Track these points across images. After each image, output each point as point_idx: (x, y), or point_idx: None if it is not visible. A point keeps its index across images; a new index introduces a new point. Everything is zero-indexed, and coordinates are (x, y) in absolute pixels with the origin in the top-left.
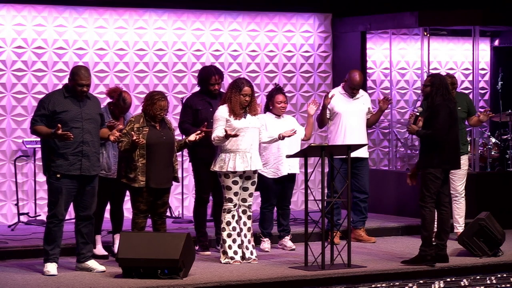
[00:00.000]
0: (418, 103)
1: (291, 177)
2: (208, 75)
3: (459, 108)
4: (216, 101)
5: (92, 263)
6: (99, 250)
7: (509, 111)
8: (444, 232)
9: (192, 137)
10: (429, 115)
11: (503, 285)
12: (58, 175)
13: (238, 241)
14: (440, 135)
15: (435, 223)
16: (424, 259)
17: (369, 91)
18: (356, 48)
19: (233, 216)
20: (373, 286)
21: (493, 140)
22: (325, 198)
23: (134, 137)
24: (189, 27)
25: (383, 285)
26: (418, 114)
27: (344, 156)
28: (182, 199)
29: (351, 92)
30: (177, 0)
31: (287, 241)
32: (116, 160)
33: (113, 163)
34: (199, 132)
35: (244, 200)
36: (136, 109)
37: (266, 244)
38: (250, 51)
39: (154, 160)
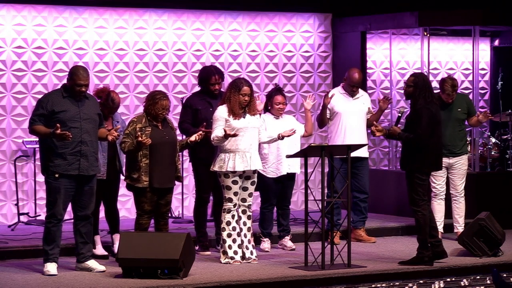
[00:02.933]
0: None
1: (290, 177)
2: (208, 75)
3: (459, 109)
4: (216, 101)
5: (92, 263)
6: (99, 250)
7: (509, 111)
8: (433, 229)
9: (193, 137)
10: (411, 118)
11: None
12: (57, 175)
13: (238, 241)
14: (422, 140)
15: None
16: (422, 260)
17: (369, 91)
18: (356, 48)
19: (233, 216)
20: (373, 286)
21: (493, 140)
22: (325, 198)
23: (140, 138)
24: (189, 27)
25: (383, 285)
26: (400, 115)
27: (344, 156)
28: (182, 199)
29: (351, 90)
30: (177, 0)
31: (287, 241)
32: (105, 161)
33: (103, 165)
34: (200, 132)
35: (243, 200)
36: (136, 109)
37: (266, 244)
38: (250, 51)
39: (157, 160)
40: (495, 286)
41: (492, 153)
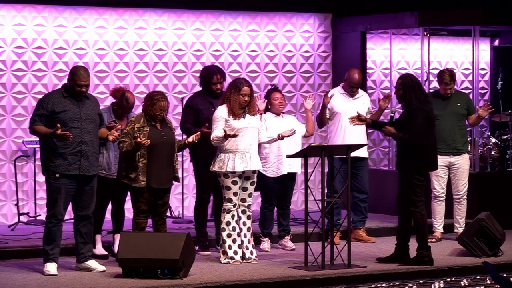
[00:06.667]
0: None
1: (291, 176)
2: (210, 75)
3: (458, 104)
4: (218, 101)
5: (92, 263)
6: (99, 250)
7: (509, 111)
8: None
9: (191, 138)
10: (405, 119)
11: None
12: (57, 175)
13: (238, 241)
14: (417, 140)
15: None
16: (422, 260)
17: (369, 91)
18: (356, 48)
19: (232, 216)
20: (373, 286)
21: (493, 140)
22: (325, 198)
23: (139, 139)
24: (189, 27)
25: (383, 285)
26: (392, 114)
27: (344, 156)
28: (182, 199)
29: (351, 90)
30: (177, 0)
31: (287, 241)
32: (116, 160)
33: (113, 163)
34: (198, 133)
35: (243, 200)
36: (136, 109)
37: (266, 244)
38: (250, 51)
39: (155, 160)
40: (493, 280)
41: (492, 153)
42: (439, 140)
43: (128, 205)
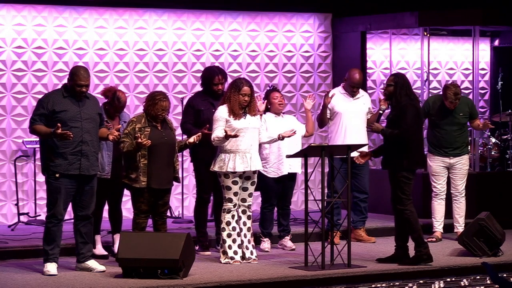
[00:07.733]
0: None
1: (291, 177)
2: (212, 75)
3: (461, 114)
4: (219, 102)
5: (92, 263)
6: (99, 250)
7: (509, 111)
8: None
9: (192, 139)
10: (395, 115)
11: None
12: (57, 175)
13: (238, 241)
14: (408, 136)
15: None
16: (421, 259)
17: (369, 91)
18: (356, 48)
19: (233, 216)
20: (373, 286)
21: (493, 140)
22: (325, 198)
23: (140, 140)
24: (189, 27)
25: (383, 285)
26: (381, 112)
27: (344, 156)
28: (182, 199)
29: (351, 90)
30: (177, 0)
31: (287, 241)
32: (110, 160)
33: (107, 163)
34: (199, 134)
35: (243, 200)
36: (136, 109)
37: (266, 244)
38: (250, 51)
39: (156, 161)
40: (492, 281)
41: (492, 153)
42: (439, 146)
43: (128, 205)
